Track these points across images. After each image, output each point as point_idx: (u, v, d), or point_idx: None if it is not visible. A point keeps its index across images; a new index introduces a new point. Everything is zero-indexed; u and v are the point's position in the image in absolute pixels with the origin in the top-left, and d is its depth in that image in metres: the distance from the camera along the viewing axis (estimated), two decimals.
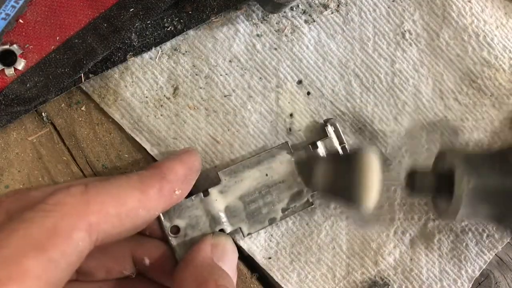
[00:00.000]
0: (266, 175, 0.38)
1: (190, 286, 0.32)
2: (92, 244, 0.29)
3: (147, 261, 0.35)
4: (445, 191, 0.34)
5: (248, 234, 0.37)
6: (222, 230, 0.37)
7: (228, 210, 0.37)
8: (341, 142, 0.38)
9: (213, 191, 0.37)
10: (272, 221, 0.38)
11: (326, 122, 0.39)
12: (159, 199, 0.32)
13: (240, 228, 0.37)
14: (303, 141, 0.40)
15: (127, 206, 0.30)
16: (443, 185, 0.34)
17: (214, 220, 0.37)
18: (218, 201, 0.37)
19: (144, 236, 0.37)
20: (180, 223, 0.36)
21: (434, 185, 0.35)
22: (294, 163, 0.38)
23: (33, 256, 0.26)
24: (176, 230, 0.36)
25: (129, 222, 0.31)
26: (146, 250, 0.36)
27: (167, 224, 0.36)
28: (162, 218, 0.36)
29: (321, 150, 0.38)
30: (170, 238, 0.36)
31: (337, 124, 0.38)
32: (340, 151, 0.38)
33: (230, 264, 0.35)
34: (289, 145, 0.38)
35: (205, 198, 0.37)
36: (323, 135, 0.38)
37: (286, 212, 0.38)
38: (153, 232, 0.37)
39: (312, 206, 0.38)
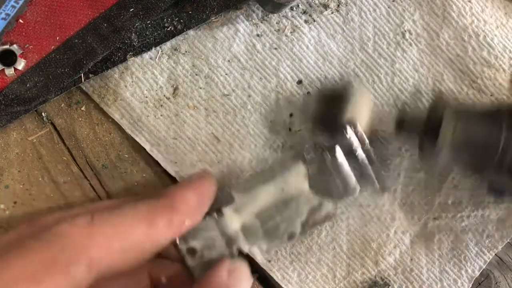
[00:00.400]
0: (282, 189, 0.35)
1: None
2: (91, 278, 0.28)
3: (164, 280, 0.35)
4: (432, 135, 0.34)
5: (267, 252, 0.36)
6: (239, 250, 0.35)
7: (245, 229, 0.35)
8: (362, 143, 0.36)
9: (227, 211, 0.35)
10: (291, 236, 0.36)
11: (344, 122, 0.37)
12: (168, 231, 0.31)
13: (258, 247, 0.36)
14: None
15: (132, 240, 0.30)
16: (432, 128, 0.34)
17: (230, 240, 0.35)
18: (233, 220, 0.35)
19: (160, 257, 0.36)
20: (196, 244, 0.35)
21: (423, 125, 0.35)
22: (307, 177, 0.36)
23: (27, 286, 0.26)
24: (192, 251, 0.35)
25: (133, 255, 0.30)
26: (163, 269, 0.35)
27: (183, 247, 0.35)
28: (178, 241, 0.35)
29: (340, 154, 0.36)
30: (187, 259, 0.35)
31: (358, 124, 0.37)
32: (360, 153, 0.36)
33: None
34: (304, 153, 0.36)
35: (219, 219, 0.35)
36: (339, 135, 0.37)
37: (306, 227, 0.36)
38: (168, 253, 0.36)
39: (332, 219, 0.37)
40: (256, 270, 0.40)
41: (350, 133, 0.35)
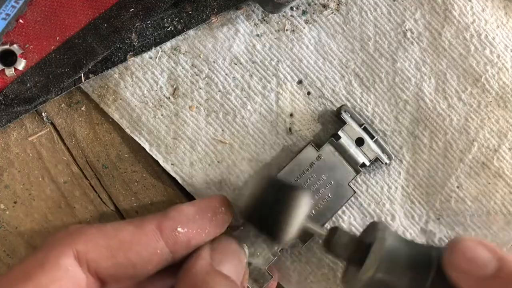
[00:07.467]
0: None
1: None
2: (86, 273, 0.30)
3: None
4: (356, 261, 0.32)
5: (304, 243, 0.37)
6: (281, 249, 0.37)
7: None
8: (360, 124, 0.38)
9: (245, 245, 0.37)
10: (323, 223, 0.38)
11: (339, 110, 0.38)
12: (157, 235, 0.32)
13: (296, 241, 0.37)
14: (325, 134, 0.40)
15: (119, 239, 0.31)
16: (358, 254, 0.32)
17: (258, 271, 0.37)
18: (259, 249, 0.37)
19: None
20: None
21: (349, 249, 0.32)
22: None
23: (21, 284, 0.28)
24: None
25: (123, 255, 0.31)
26: None
27: None
28: None
29: (344, 139, 0.38)
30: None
31: (351, 109, 0.39)
32: (363, 135, 0.38)
33: (231, 266, 0.33)
34: (312, 144, 0.38)
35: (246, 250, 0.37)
36: (341, 123, 0.38)
37: (333, 210, 0.38)
38: None
39: (355, 193, 0.38)
40: None
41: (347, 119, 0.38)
